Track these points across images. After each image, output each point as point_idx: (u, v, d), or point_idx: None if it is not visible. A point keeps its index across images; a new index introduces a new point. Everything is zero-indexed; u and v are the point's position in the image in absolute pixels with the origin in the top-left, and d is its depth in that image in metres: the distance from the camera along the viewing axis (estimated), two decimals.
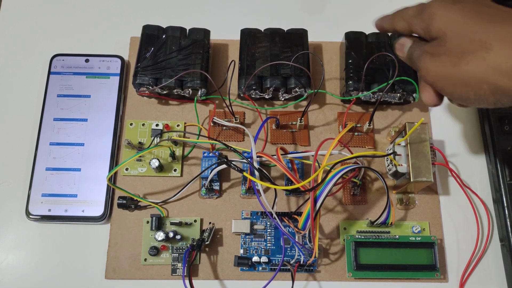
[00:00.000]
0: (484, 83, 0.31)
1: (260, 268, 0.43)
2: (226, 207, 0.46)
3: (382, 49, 0.48)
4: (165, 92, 0.47)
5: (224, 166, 0.42)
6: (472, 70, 0.31)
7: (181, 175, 0.47)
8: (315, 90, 0.47)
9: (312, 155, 0.42)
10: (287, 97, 0.48)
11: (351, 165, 0.40)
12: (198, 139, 0.46)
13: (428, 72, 0.34)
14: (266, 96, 0.48)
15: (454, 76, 0.32)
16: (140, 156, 0.47)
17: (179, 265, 0.43)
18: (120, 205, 0.44)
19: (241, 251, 0.44)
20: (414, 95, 0.47)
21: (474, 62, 0.31)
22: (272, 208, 0.42)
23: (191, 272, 0.43)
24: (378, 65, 0.47)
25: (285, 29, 0.49)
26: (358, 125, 0.49)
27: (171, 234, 0.42)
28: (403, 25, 0.38)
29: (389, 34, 0.49)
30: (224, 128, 0.49)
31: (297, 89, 0.47)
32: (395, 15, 0.39)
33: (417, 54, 0.36)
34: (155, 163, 0.44)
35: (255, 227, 0.44)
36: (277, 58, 0.47)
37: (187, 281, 0.38)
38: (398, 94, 0.47)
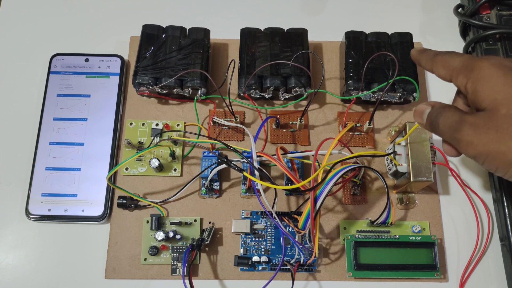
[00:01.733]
0: None
1: (260, 268, 0.43)
2: (226, 207, 0.46)
3: (382, 48, 0.48)
4: (165, 91, 0.47)
5: (224, 165, 0.42)
6: None
7: (181, 175, 0.47)
8: (315, 90, 0.47)
9: (312, 155, 0.42)
10: (287, 96, 0.48)
11: (351, 164, 0.40)
12: (198, 138, 0.46)
13: (471, 147, 0.30)
14: (266, 96, 0.48)
15: (503, 156, 0.29)
16: (140, 156, 0.47)
17: (179, 264, 0.43)
18: (120, 205, 0.44)
19: (241, 250, 0.44)
20: (414, 94, 0.47)
21: None
22: (272, 208, 0.42)
23: (191, 272, 0.43)
24: (378, 64, 0.47)
25: (285, 28, 0.49)
26: (358, 124, 0.49)
27: (171, 234, 0.42)
28: (443, 74, 0.34)
29: (389, 34, 0.50)
30: (224, 127, 0.49)
31: (297, 89, 0.47)
32: (437, 59, 0.35)
33: (452, 123, 0.32)
34: (155, 162, 0.44)
35: (255, 226, 0.44)
36: (277, 57, 0.47)
37: (187, 281, 0.38)
38: (398, 94, 0.47)
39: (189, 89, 0.47)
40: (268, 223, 0.44)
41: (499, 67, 0.31)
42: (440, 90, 0.51)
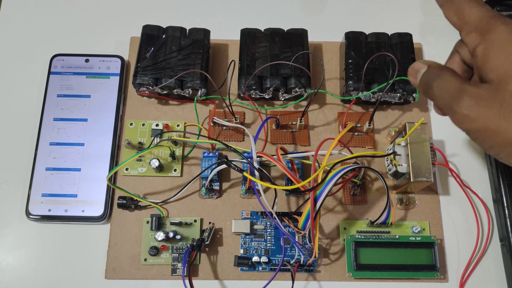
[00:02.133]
0: None
1: (260, 268, 0.43)
2: (226, 207, 0.46)
3: (382, 49, 0.48)
4: (165, 92, 0.47)
5: (224, 166, 0.42)
6: None
7: (181, 175, 0.47)
8: (315, 90, 0.47)
9: (312, 155, 0.42)
10: (287, 97, 0.48)
11: (351, 165, 0.40)
12: (198, 139, 0.46)
13: (468, 120, 0.28)
14: (266, 96, 0.48)
15: (503, 134, 0.26)
16: (140, 156, 0.47)
17: (179, 265, 0.43)
18: (120, 205, 0.44)
19: (241, 251, 0.44)
20: (414, 95, 0.47)
21: None
22: (272, 208, 0.42)
23: (191, 272, 0.43)
24: (378, 65, 0.47)
25: (285, 29, 0.49)
26: (358, 125, 0.49)
27: (171, 234, 0.42)
28: (454, 22, 0.30)
29: (389, 34, 0.50)
30: (224, 128, 0.49)
31: (297, 89, 0.47)
32: (453, 1, 0.30)
33: (450, 89, 0.29)
34: (155, 163, 0.44)
35: (255, 227, 0.44)
36: (277, 58, 0.47)
37: (187, 281, 0.38)
38: (398, 94, 0.47)
39: (189, 89, 0.47)
40: (268, 223, 0.44)
41: None
42: None
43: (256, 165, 0.40)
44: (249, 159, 0.40)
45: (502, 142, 0.27)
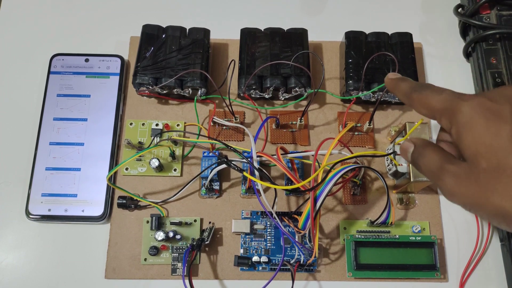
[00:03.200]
0: None
1: (260, 268, 0.43)
2: (226, 207, 0.46)
3: (382, 48, 0.48)
4: (165, 91, 0.47)
5: (224, 165, 0.42)
6: (510, 208, 0.26)
7: (181, 175, 0.47)
8: (315, 90, 0.47)
9: (312, 155, 0.42)
10: (287, 96, 0.48)
11: (351, 164, 0.40)
12: (198, 138, 0.46)
13: (454, 197, 0.29)
14: (266, 96, 0.48)
15: (485, 208, 0.28)
16: (140, 156, 0.47)
17: (179, 265, 0.43)
18: (120, 205, 0.44)
19: (241, 251, 0.44)
20: None
21: None
22: (272, 208, 0.42)
23: (191, 272, 0.43)
24: (378, 64, 0.47)
25: (285, 28, 0.49)
26: (358, 124, 0.49)
27: (171, 234, 0.42)
28: (424, 114, 0.33)
29: (389, 34, 0.50)
30: (224, 127, 0.49)
31: (297, 89, 0.47)
32: (414, 98, 0.33)
33: (433, 169, 0.31)
34: (155, 162, 0.44)
35: (255, 226, 0.44)
36: (277, 57, 0.47)
37: (187, 281, 0.38)
38: None
39: (189, 89, 0.47)
40: (268, 223, 0.44)
41: (481, 111, 0.29)
42: None
43: (256, 165, 0.40)
44: (249, 159, 0.40)
45: (488, 214, 0.28)
